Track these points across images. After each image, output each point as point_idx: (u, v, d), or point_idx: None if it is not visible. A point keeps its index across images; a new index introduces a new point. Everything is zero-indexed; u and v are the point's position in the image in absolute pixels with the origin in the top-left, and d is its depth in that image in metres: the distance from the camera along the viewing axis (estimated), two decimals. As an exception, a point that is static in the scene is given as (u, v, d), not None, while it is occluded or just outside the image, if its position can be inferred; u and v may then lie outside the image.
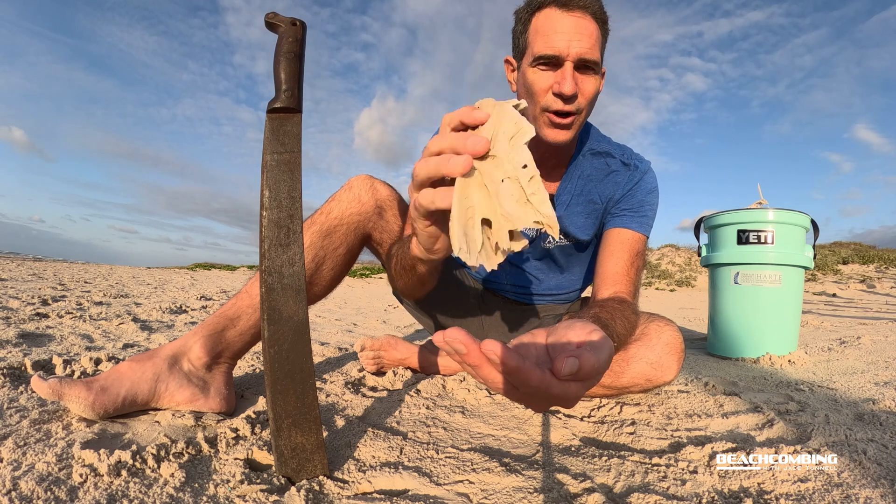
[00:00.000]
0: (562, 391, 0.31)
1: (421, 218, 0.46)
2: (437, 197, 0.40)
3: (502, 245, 0.36)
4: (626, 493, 0.57)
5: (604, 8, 0.82)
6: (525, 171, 0.37)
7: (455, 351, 0.30)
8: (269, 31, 0.62)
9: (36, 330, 1.36)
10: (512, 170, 0.37)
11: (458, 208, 0.37)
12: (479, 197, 0.37)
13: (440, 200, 0.40)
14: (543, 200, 0.36)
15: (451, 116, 0.41)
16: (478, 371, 0.30)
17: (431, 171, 0.40)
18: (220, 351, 0.78)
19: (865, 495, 0.54)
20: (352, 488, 0.56)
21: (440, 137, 0.40)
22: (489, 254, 0.37)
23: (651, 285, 10.15)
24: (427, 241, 0.50)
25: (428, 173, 0.40)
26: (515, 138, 0.38)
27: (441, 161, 0.39)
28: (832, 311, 3.91)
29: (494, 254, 0.37)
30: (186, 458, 0.60)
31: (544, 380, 0.30)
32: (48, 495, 0.48)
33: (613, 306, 0.76)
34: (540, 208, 0.36)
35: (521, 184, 0.36)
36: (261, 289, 0.57)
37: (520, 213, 0.36)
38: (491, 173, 0.37)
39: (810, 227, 1.65)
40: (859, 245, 12.07)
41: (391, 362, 1.13)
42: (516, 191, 0.36)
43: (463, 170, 0.37)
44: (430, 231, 0.48)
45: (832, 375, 1.25)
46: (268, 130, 0.58)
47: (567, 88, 0.77)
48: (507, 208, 0.36)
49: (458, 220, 0.37)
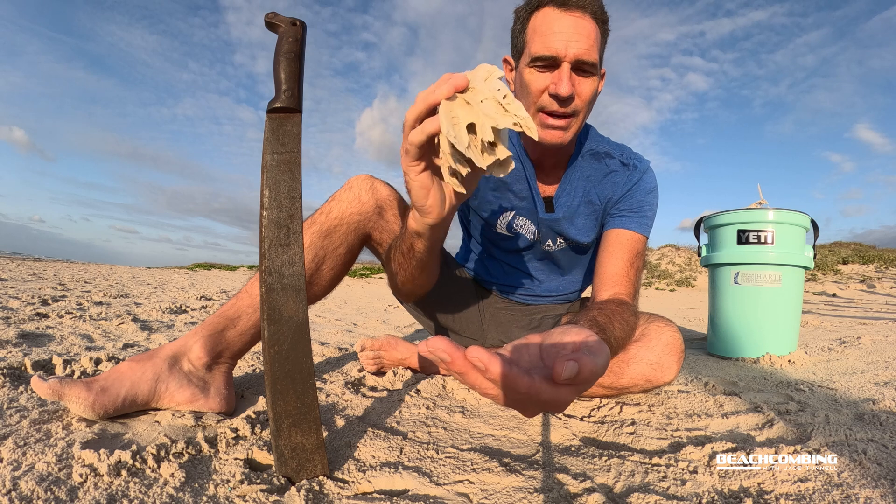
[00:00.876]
0: (552, 396, 0.30)
1: (413, 160, 0.50)
2: (425, 124, 0.46)
3: (487, 138, 0.43)
4: (626, 493, 0.57)
5: (604, 8, 0.81)
6: (499, 91, 0.43)
7: (440, 360, 0.29)
8: (269, 31, 0.62)
9: (36, 330, 1.36)
10: (489, 93, 0.44)
11: (445, 122, 0.44)
12: (462, 112, 0.44)
13: (428, 125, 0.45)
14: (519, 108, 0.43)
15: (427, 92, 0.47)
16: (465, 378, 0.30)
17: (418, 105, 0.46)
18: (220, 351, 0.78)
19: (865, 495, 0.54)
20: (352, 488, 0.56)
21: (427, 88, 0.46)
22: (476, 152, 0.43)
23: (651, 285, 10.15)
24: (419, 193, 0.53)
25: (417, 110, 0.46)
26: (489, 79, 0.45)
27: (426, 93, 0.45)
28: (832, 311, 3.91)
29: (482, 154, 0.44)
30: (186, 458, 0.60)
31: (533, 386, 0.30)
32: (48, 495, 0.48)
33: (612, 309, 0.76)
34: (517, 113, 0.43)
35: (498, 100, 0.43)
36: (261, 289, 0.57)
37: (499, 116, 0.43)
38: (471, 98, 0.44)
39: (810, 227, 1.65)
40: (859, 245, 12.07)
41: (391, 362, 1.13)
42: (495, 105, 0.43)
43: (448, 92, 0.44)
44: (422, 179, 0.52)
45: (832, 375, 1.26)
46: (268, 130, 0.58)
47: (563, 90, 0.77)
48: (488, 113, 0.43)
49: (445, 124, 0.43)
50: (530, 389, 0.29)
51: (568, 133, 0.83)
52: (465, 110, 0.44)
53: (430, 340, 0.30)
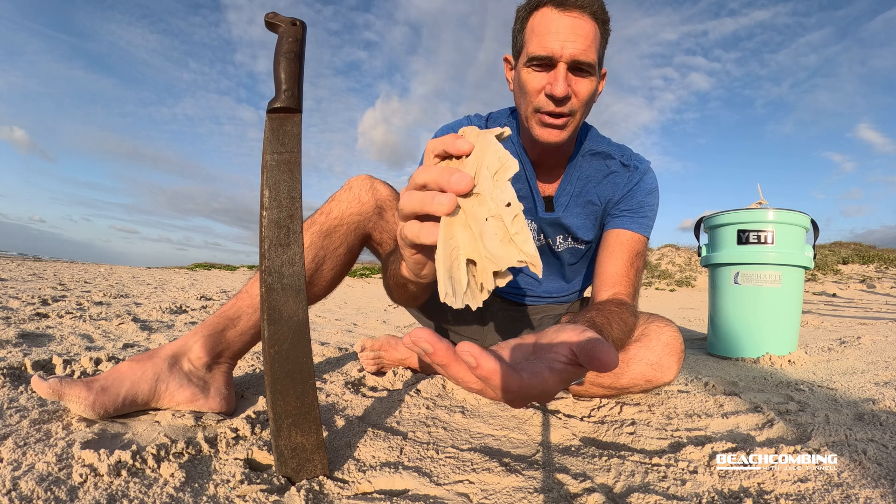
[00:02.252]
0: (541, 390, 0.31)
1: (407, 248, 0.46)
2: (422, 232, 0.40)
3: (487, 286, 0.36)
4: (626, 493, 0.57)
5: (605, 8, 0.81)
6: (509, 209, 0.37)
7: (423, 350, 0.29)
8: (269, 31, 0.62)
9: (36, 330, 1.36)
10: (495, 208, 0.37)
11: (443, 249, 0.37)
12: (463, 237, 0.37)
13: (425, 236, 0.40)
14: (527, 240, 0.36)
15: (435, 144, 0.41)
16: (447, 370, 0.30)
17: (416, 207, 0.40)
18: (220, 351, 0.78)
19: (865, 495, 0.54)
20: (352, 488, 0.56)
21: (425, 169, 0.40)
22: (474, 293, 0.37)
23: (651, 285, 10.15)
24: (414, 267, 0.50)
25: (413, 209, 0.40)
26: (499, 174, 0.38)
27: (425, 199, 0.39)
28: (832, 311, 3.91)
29: (479, 292, 0.37)
30: (186, 458, 0.60)
31: (523, 384, 0.30)
32: (48, 495, 0.48)
33: (611, 309, 0.76)
34: (523, 247, 0.36)
35: (505, 222, 0.36)
36: (261, 289, 0.57)
37: (503, 253, 0.36)
38: (475, 212, 0.37)
39: (810, 227, 1.65)
40: (859, 245, 12.07)
41: (391, 362, 1.13)
42: (500, 230, 0.36)
43: (447, 210, 0.37)
44: (417, 259, 0.48)
45: (832, 375, 1.26)
46: (268, 130, 0.58)
47: (559, 91, 0.77)
48: (491, 249, 0.36)
49: (444, 262, 0.37)
50: (521, 387, 0.29)
51: (565, 132, 0.83)
52: (467, 236, 0.37)
53: (414, 332, 0.30)
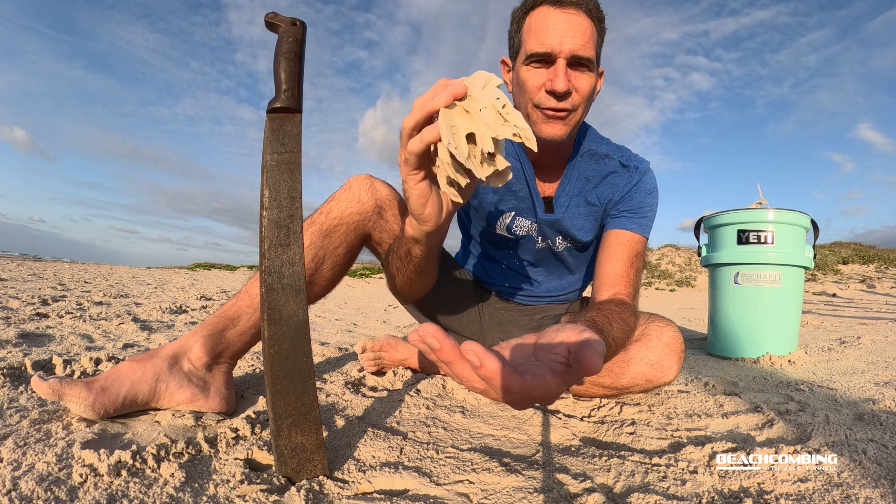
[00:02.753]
0: (543, 392, 0.31)
1: (412, 169, 0.50)
2: (424, 133, 0.45)
3: (487, 148, 0.42)
4: (626, 493, 0.57)
5: (599, 6, 0.82)
6: (498, 100, 0.43)
7: (429, 346, 0.29)
8: (268, 31, 0.62)
9: (36, 330, 1.36)
10: (487, 101, 0.43)
11: (445, 131, 0.43)
12: (461, 121, 0.44)
13: (427, 133, 0.45)
14: (518, 118, 0.43)
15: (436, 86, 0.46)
16: (452, 368, 0.30)
17: (418, 113, 0.45)
18: (220, 351, 0.78)
19: (865, 495, 0.54)
20: (352, 488, 0.56)
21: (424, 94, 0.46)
22: (476, 163, 0.43)
23: (651, 285, 10.15)
24: (417, 202, 0.52)
25: (415, 118, 0.45)
26: (487, 87, 0.44)
27: (425, 100, 0.44)
28: (832, 311, 3.91)
29: (481, 165, 0.43)
30: (186, 458, 0.60)
31: (525, 385, 0.30)
32: (48, 495, 0.48)
33: (611, 309, 0.76)
34: (517, 123, 0.42)
35: (497, 110, 0.43)
36: (261, 289, 0.57)
37: (499, 127, 0.42)
38: (471, 106, 0.44)
39: (810, 227, 1.65)
40: (859, 245, 12.07)
41: (391, 363, 1.13)
42: (494, 114, 0.43)
43: (447, 100, 0.43)
44: (421, 188, 0.52)
45: (832, 375, 1.26)
46: (268, 130, 0.58)
47: (559, 85, 0.77)
48: (489, 123, 0.42)
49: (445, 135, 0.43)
50: (522, 389, 0.30)
51: (567, 126, 0.83)
52: (465, 119, 0.43)
53: (422, 327, 0.30)
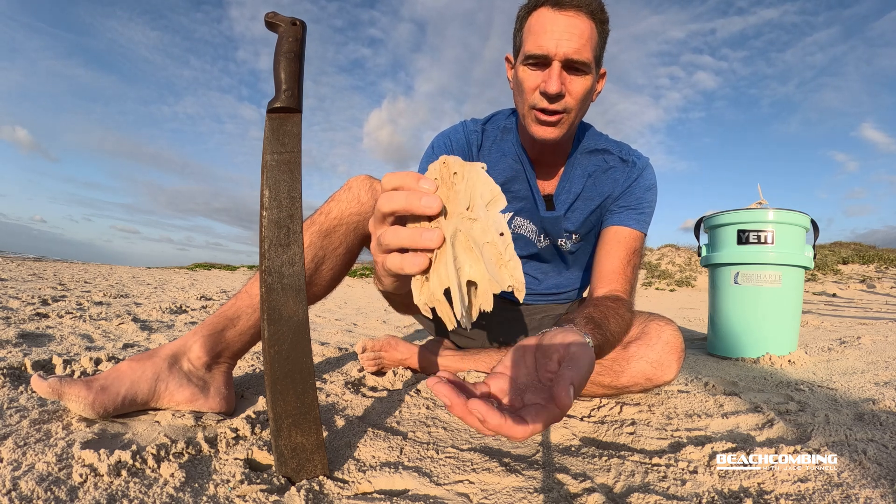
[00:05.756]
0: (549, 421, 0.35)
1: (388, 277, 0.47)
2: (405, 263, 0.39)
3: (485, 307, 0.39)
4: (626, 493, 0.57)
5: (603, 7, 0.81)
6: (502, 238, 0.39)
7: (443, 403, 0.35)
8: (269, 30, 0.62)
9: (36, 330, 1.36)
10: (493, 232, 0.39)
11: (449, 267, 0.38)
12: (466, 259, 0.39)
13: (409, 266, 0.39)
14: (518, 266, 0.38)
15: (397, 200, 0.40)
16: (464, 420, 0.34)
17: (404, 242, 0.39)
18: (219, 351, 0.78)
19: (865, 495, 0.54)
20: (352, 488, 0.56)
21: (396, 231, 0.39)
22: (469, 312, 0.39)
23: (651, 285, 10.14)
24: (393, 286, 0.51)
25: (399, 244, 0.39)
26: (491, 205, 0.40)
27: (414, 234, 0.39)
28: (832, 311, 3.91)
29: (474, 313, 0.39)
30: (186, 458, 0.60)
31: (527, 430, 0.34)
32: (48, 495, 0.48)
33: (607, 305, 0.77)
34: (514, 273, 0.38)
35: (500, 249, 0.38)
36: (261, 289, 0.57)
37: (498, 275, 0.38)
38: (475, 237, 0.39)
39: (810, 227, 1.65)
40: (859, 245, 12.07)
41: (391, 363, 1.13)
42: (495, 255, 0.39)
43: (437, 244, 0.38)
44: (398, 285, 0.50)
45: (832, 375, 1.25)
46: (268, 130, 0.58)
47: (552, 88, 0.78)
48: (490, 267, 0.38)
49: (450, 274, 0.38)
50: (525, 433, 0.34)
51: (559, 129, 0.84)
52: (469, 256, 0.38)
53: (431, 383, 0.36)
